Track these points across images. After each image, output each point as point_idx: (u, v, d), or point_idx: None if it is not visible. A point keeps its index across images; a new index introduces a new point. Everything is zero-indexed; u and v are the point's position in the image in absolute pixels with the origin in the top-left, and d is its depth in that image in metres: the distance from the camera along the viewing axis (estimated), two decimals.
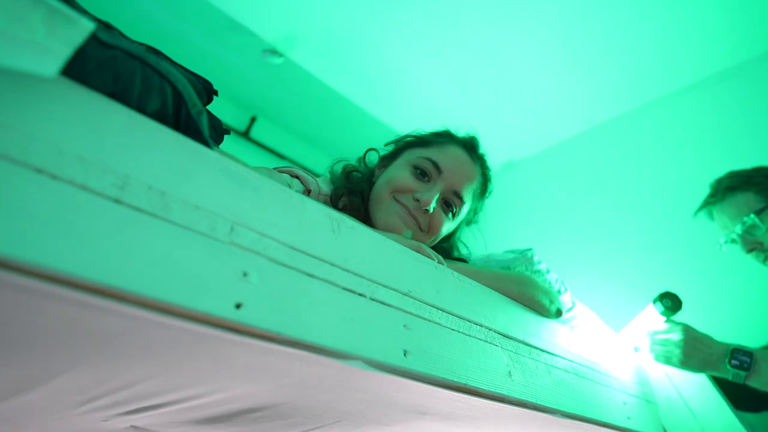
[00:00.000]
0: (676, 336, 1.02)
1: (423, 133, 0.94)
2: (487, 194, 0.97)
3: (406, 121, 0.91)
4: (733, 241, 1.27)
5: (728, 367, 0.97)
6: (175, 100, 0.43)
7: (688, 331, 1.02)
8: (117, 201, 0.38)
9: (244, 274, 0.44)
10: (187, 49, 2.45)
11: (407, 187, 0.84)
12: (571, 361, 0.83)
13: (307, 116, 2.89)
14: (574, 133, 2.55)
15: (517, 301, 0.78)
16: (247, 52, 2.28)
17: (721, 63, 2.11)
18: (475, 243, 1.06)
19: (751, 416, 1.30)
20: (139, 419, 0.76)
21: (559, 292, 0.97)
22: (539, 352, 0.77)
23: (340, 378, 0.56)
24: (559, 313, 0.84)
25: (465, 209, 0.91)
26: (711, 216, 1.33)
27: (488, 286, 0.73)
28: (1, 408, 0.65)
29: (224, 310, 0.42)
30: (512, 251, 0.97)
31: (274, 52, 2.19)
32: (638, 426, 0.93)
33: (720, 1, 1.86)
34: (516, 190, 2.74)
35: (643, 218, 2.13)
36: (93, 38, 0.38)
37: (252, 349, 0.46)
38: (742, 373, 0.95)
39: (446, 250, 0.93)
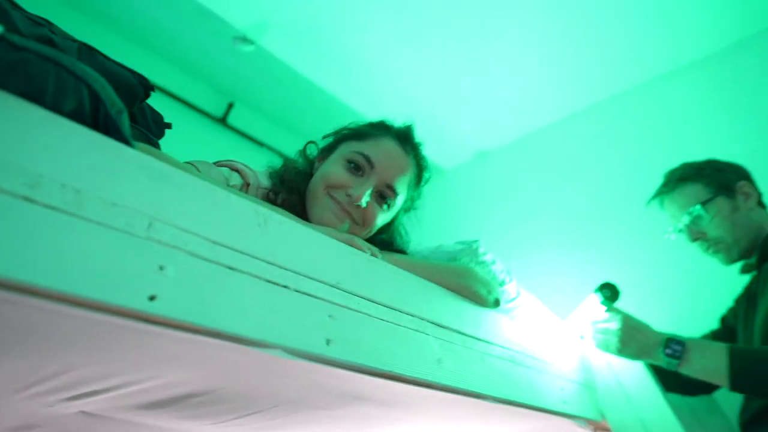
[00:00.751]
0: (615, 325, 1.07)
1: (359, 125, 0.96)
2: (423, 183, 1.00)
3: (379, 110, 0.94)
4: (680, 230, 1.32)
5: (662, 355, 1.01)
6: (92, 101, 0.44)
7: (627, 321, 1.07)
8: (27, 199, 0.40)
9: (161, 268, 0.46)
10: (163, 34, 2.43)
11: (340, 183, 0.87)
12: (507, 348, 0.86)
13: (284, 103, 2.89)
14: (545, 123, 2.58)
15: (455, 292, 0.81)
16: (220, 38, 2.27)
17: (685, 56, 2.16)
18: (427, 233, 1.09)
19: (692, 399, 1.36)
20: (85, 405, 0.78)
21: (502, 282, 1.00)
22: (473, 340, 0.80)
23: (266, 365, 0.58)
24: (497, 303, 0.87)
25: (400, 200, 0.94)
26: (662, 205, 1.38)
27: (425, 277, 0.76)
28: None
29: (137, 303, 0.44)
30: (461, 242, 1.01)
31: (245, 40, 2.18)
32: (574, 410, 0.98)
33: None
34: (487, 179, 2.78)
35: (606, 209, 2.18)
36: (3, 40, 0.40)
37: (171, 338, 0.49)
38: (675, 362, 1.00)
39: (386, 241, 0.96)
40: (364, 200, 0.85)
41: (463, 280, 0.83)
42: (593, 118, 2.44)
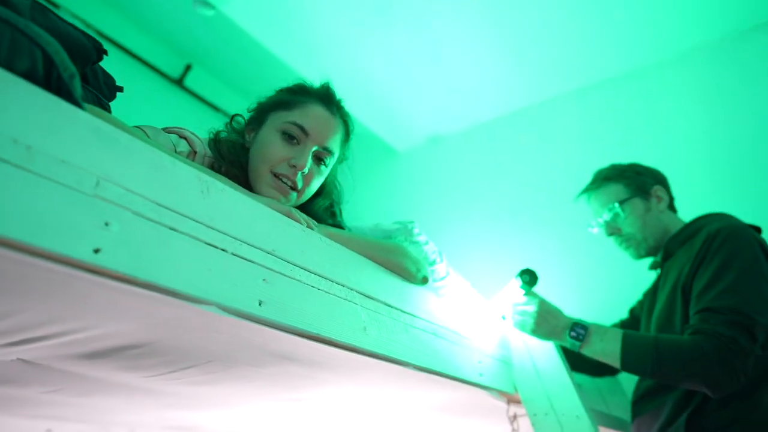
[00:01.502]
0: (532, 308, 1.18)
1: (282, 95, 1.00)
2: (350, 135, 1.05)
3: (336, 85, 0.98)
4: (600, 225, 1.45)
5: (567, 337, 1.14)
6: (45, 63, 0.47)
7: (542, 305, 1.19)
8: None
9: (106, 224, 0.51)
10: None
11: (281, 157, 0.92)
12: (430, 322, 0.95)
13: (241, 69, 2.87)
14: (496, 115, 2.69)
15: (385, 267, 0.88)
16: (179, 1, 2.23)
17: (646, 57, 2.28)
18: (375, 211, 1.15)
19: (599, 380, 1.51)
20: (24, 352, 0.81)
21: (433, 262, 1.08)
22: (399, 312, 0.87)
23: (200, 321, 0.64)
24: (425, 281, 0.95)
25: (334, 158, 1.00)
26: (588, 201, 1.50)
27: (358, 251, 0.83)
28: None
29: (82, 254, 0.48)
30: (397, 222, 1.07)
31: (206, 3, 2.15)
32: (489, 382, 1.08)
33: None
34: (437, 163, 2.87)
35: (539, 202, 2.32)
36: None
37: (112, 289, 0.53)
38: (577, 343, 1.13)
39: (325, 205, 1.02)
40: (307, 168, 0.92)
41: (394, 257, 0.89)
42: (541, 114, 2.56)
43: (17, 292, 0.55)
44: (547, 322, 1.17)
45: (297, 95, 0.98)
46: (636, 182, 1.42)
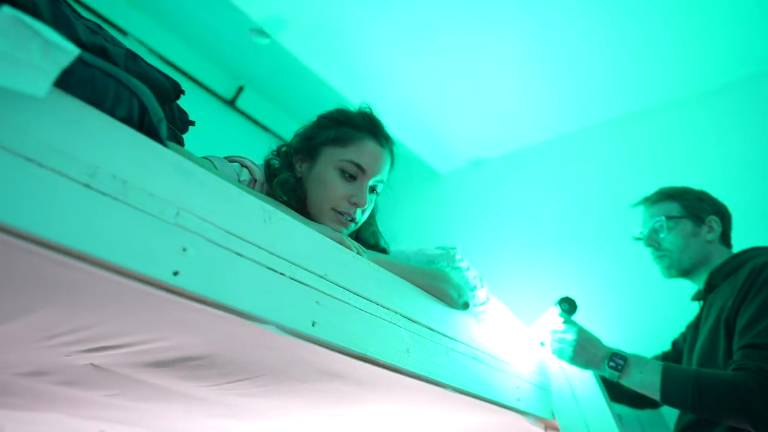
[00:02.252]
0: (571, 336, 1.19)
1: (334, 131, 1.03)
2: (395, 161, 1.10)
3: (382, 111, 1.03)
4: (643, 233, 1.46)
5: (606, 367, 1.14)
6: (140, 110, 0.55)
7: (581, 333, 1.19)
8: (87, 186, 0.50)
9: (184, 249, 0.57)
10: (183, 15, 2.51)
11: (342, 195, 0.98)
12: (470, 346, 0.98)
13: (291, 92, 2.98)
14: (537, 141, 2.70)
15: (428, 292, 0.92)
16: (236, 27, 2.37)
17: (687, 87, 2.26)
18: (418, 233, 1.20)
19: (641, 412, 1.49)
20: (97, 358, 0.89)
21: (474, 288, 1.11)
22: (440, 336, 0.91)
23: (259, 338, 0.69)
24: (466, 306, 0.98)
25: (383, 185, 1.06)
26: (643, 210, 1.51)
27: (402, 276, 0.87)
28: None
29: (164, 276, 0.55)
30: (440, 248, 1.11)
31: (261, 32, 2.27)
32: (527, 407, 1.09)
33: (697, 21, 2.00)
34: (479, 187, 2.89)
35: (583, 229, 2.30)
36: (78, 60, 0.50)
37: (185, 307, 0.59)
38: (616, 374, 1.13)
39: (369, 233, 1.08)
40: (366, 201, 0.99)
41: (436, 282, 0.93)
42: (582, 141, 2.56)
43: (102, 306, 0.62)
44: (585, 350, 1.17)
45: (348, 129, 1.03)
46: (693, 206, 1.42)
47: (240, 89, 3.25)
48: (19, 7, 0.58)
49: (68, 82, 0.50)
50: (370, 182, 1.01)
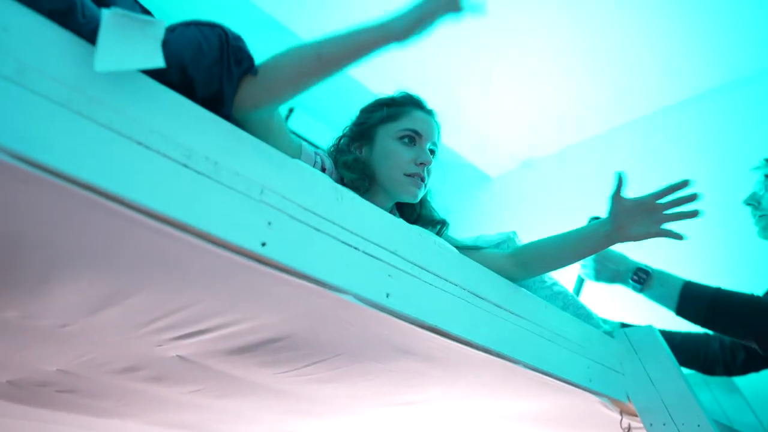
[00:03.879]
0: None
1: (384, 112, 1.12)
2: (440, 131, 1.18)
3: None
4: (750, 194, 1.41)
5: (630, 281, 1.16)
6: (224, 35, 0.64)
7: (600, 252, 1.21)
8: (185, 165, 0.57)
9: (269, 223, 0.63)
10: None
11: (409, 159, 1.06)
12: (538, 324, 0.98)
13: (342, 108, 3.08)
14: (588, 136, 2.66)
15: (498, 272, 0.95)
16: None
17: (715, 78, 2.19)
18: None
19: (723, 397, 1.44)
20: (185, 347, 0.96)
21: None
22: (508, 313, 0.93)
23: (337, 311, 0.74)
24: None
25: (438, 150, 1.14)
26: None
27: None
28: (85, 323, 0.86)
29: (253, 245, 0.60)
30: (500, 234, 1.14)
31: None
32: (599, 388, 1.08)
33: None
34: (531, 187, 2.87)
35: None
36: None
37: (272, 279, 0.64)
38: (638, 286, 1.13)
39: (427, 215, 1.15)
40: (430, 159, 1.07)
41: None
42: (633, 133, 2.51)
43: (199, 281, 0.68)
44: (606, 267, 1.22)
45: (394, 107, 1.12)
46: None
47: (290, 111, 3.39)
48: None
49: (170, 47, 0.59)
50: (428, 145, 1.09)
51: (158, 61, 0.54)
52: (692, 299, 1.12)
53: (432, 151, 1.11)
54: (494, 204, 3.04)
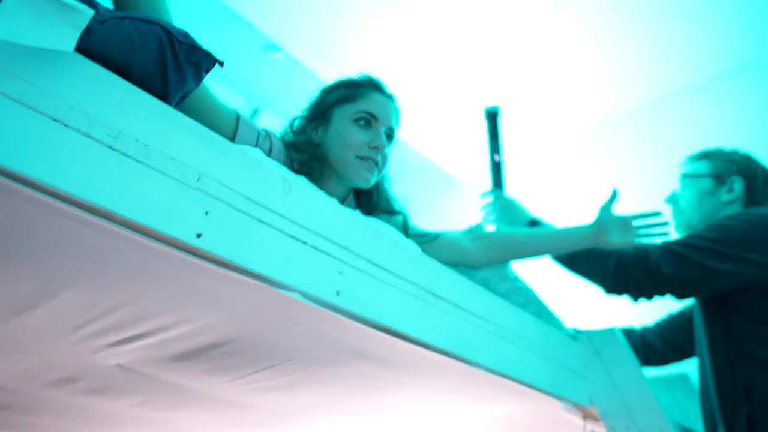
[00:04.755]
0: (490, 200, 1.42)
1: (341, 92, 1.10)
2: (399, 117, 1.16)
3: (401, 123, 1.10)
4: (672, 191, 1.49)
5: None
6: (166, 35, 0.57)
7: (500, 199, 1.41)
8: (111, 148, 0.52)
9: (206, 213, 0.58)
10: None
11: (362, 141, 1.03)
12: (500, 326, 0.95)
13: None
14: (556, 134, 2.68)
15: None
16: (248, 45, 2.43)
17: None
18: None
19: (673, 386, 1.46)
20: (124, 354, 0.89)
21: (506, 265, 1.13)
22: (468, 314, 0.89)
23: (283, 310, 0.69)
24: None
25: (395, 136, 1.12)
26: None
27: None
28: (6, 330, 0.78)
29: (187, 237, 0.55)
30: (467, 228, 1.14)
31: (274, 47, 2.33)
32: (561, 392, 1.06)
33: None
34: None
35: None
36: (93, 19, 0.53)
37: (209, 273, 0.60)
38: None
39: (383, 204, 1.13)
40: (385, 143, 1.05)
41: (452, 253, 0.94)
42: (598, 134, 2.55)
43: (133, 277, 0.62)
44: (505, 215, 1.37)
45: (353, 88, 1.10)
46: (720, 166, 1.41)
47: (254, 112, 3.32)
48: None
49: (95, 41, 0.53)
50: (384, 129, 1.07)
51: (67, 46, 0.48)
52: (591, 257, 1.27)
53: (389, 136, 1.09)
54: (462, 207, 3.03)
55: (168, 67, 0.62)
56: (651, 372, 1.52)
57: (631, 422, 1.06)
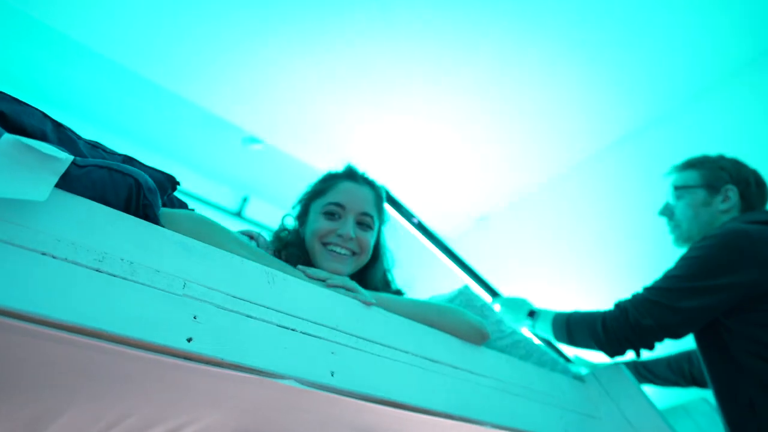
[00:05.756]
0: (497, 307, 1.51)
1: (316, 186, 1.15)
2: (383, 199, 1.17)
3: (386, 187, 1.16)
4: (663, 205, 1.48)
5: (527, 321, 1.42)
6: (136, 187, 0.62)
7: (505, 302, 1.53)
8: (98, 270, 0.55)
9: (194, 317, 0.61)
10: (177, 142, 2.72)
11: (328, 231, 1.05)
12: (499, 379, 0.96)
13: (294, 190, 3.13)
14: (539, 182, 2.76)
15: (444, 329, 0.93)
16: (229, 140, 2.55)
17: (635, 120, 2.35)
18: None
19: (705, 424, 1.42)
20: None
21: (500, 321, 1.12)
22: (465, 372, 0.90)
23: (284, 399, 0.70)
24: (485, 337, 0.97)
25: (375, 220, 1.11)
26: (670, 180, 1.51)
27: (410, 314, 0.89)
28: None
29: (178, 343, 0.58)
30: (454, 290, 1.14)
31: (253, 140, 2.44)
32: None
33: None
34: (490, 241, 2.92)
35: (598, 261, 2.30)
36: (73, 164, 0.57)
37: (204, 374, 0.62)
38: (530, 323, 1.40)
39: (376, 284, 1.11)
40: (352, 232, 1.04)
41: (445, 317, 0.94)
42: (576, 177, 2.62)
43: (129, 387, 0.64)
44: (510, 314, 1.46)
45: (328, 181, 1.13)
46: (712, 175, 1.40)
47: (244, 200, 3.41)
48: (29, 134, 0.66)
49: (71, 183, 0.57)
50: (355, 217, 1.07)
51: (42, 195, 0.52)
52: (557, 326, 1.31)
53: (362, 222, 1.08)
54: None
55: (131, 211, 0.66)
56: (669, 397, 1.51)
57: None
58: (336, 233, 1.05)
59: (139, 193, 0.62)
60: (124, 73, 2.19)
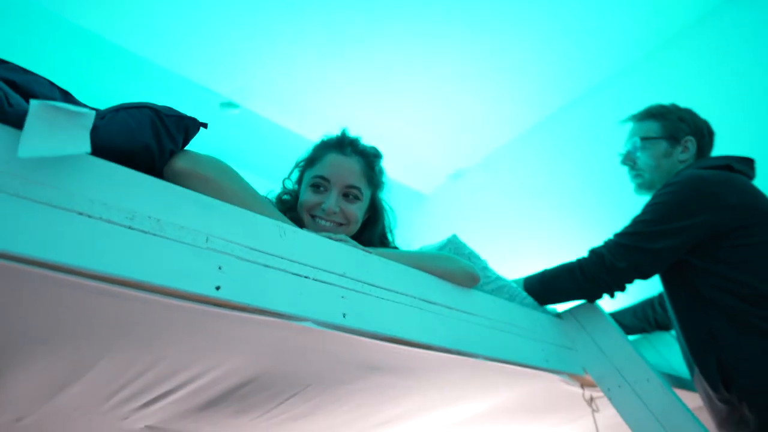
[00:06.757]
0: None
1: (309, 154, 1.18)
2: (376, 163, 1.20)
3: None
4: (622, 153, 1.56)
5: None
6: (156, 114, 0.67)
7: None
8: (130, 228, 0.60)
9: (219, 268, 0.66)
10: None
11: (314, 204, 1.10)
12: (488, 317, 1.05)
13: (271, 158, 3.14)
14: (509, 138, 2.84)
15: (436, 275, 1.00)
16: (206, 106, 2.52)
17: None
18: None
19: (659, 343, 1.57)
20: (152, 414, 0.95)
21: (484, 263, 1.21)
22: (459, 312, 0.99)
23: (299, 341, 0.77)
24: (476, 281, 1.06)
25: (364, 191, 1.14)
26: (630, 127, 1.59)
27: (409, 263, 0.96)
28: (44, 410, 0.84)
29: (208, 290, 0.63)
30: (443, 240, 1.22)
31: (230, 105, 2.43)
32: (557, 366, 1.16)
33: None
34: (465, 196, 3.01)
35: (579, 214, 2.41)
36: (96, 116, 0.61)
37: (231, 319, 0.67)
38: None
39: (374, 242, 1.17)
40: (335, 206, 1.08)
41: (444, 263, 1.02)
42: (552, 127, 2.70)
43: (160, 336, 0.70)
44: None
45: (318, 151, 1.16)
46: (672, 126, 1.49)
47: None
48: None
49: (102, 133, 0.61)
50: (339, 190, 1.10)
51: (84, 147, 0.56)
52: (529, 288, 1.33)
53: (348, 194, 1.11)
54: (432, 219, 3.15)
55: (163, 140, 0.72)
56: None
57: (622, 380, 1.17)
58: (321, 207, 1.08)
59: (160, 116, 0.67)
60: (97, 40, 2.14)
